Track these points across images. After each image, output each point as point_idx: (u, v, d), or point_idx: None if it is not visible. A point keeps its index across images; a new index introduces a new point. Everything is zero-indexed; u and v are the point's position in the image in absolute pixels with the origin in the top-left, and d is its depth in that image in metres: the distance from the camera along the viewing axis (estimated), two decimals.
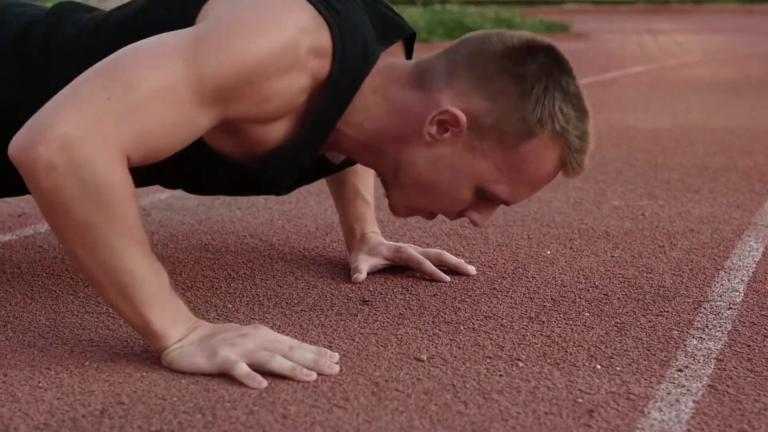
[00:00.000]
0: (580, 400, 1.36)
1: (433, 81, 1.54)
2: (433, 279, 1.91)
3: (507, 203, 1.60)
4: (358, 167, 1.97)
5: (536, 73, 1.50)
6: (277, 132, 1.52)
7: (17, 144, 1.36)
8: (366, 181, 2.01)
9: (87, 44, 1.59)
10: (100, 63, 1.42)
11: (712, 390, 1.40)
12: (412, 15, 11.31)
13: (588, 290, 1.86)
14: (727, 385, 1.41)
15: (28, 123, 1.37)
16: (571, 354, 1.53)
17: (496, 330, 1.64)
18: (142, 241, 1.39)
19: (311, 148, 1.56)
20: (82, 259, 1.39)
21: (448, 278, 1.91)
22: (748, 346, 1.57)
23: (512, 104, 1.50)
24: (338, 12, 1.49)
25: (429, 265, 1.92)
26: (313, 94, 1.50)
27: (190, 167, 1.58)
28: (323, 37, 1.47)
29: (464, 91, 1.52)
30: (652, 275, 1.96)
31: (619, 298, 1.81)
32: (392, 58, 1.62)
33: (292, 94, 1.47)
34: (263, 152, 1.54)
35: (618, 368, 1.47)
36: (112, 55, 1.42)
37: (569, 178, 1.61)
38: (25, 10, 1.72)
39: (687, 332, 1.63)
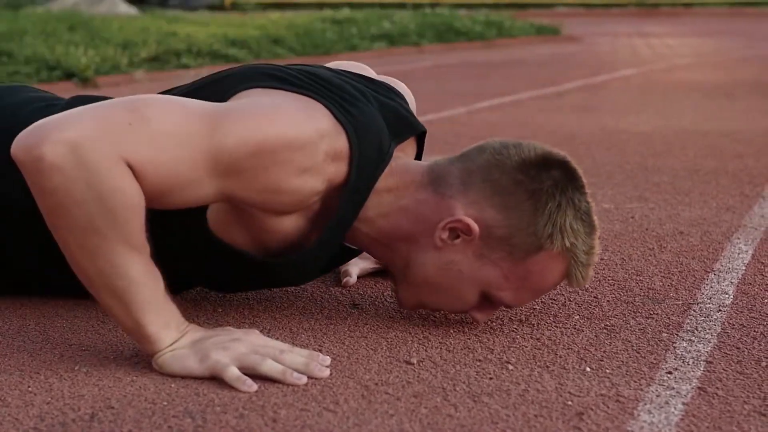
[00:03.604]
0: (569, 402, 1.36)
1: (448, 187, 1.56)
2: None
3: (509, 307, 1.62)
4: None
5: (550, 189, 1.52)
6: (288, 226, 1.54)
7: (21, 142, 1.36)
8: None
9: None
10: (124, 98, 1.42)
11: (702, 392, 1.40)
12: (402, 18, 11.31)
13: (578, 293, 1.86)
14: (717, 387, 1.42)
15: (36, 124, 1.36)
16: (560, 357, 1.53)
17: (485, 333, 1.64)
18: (141, 248, 1.40)
19: (329, 248, 1.59)
20: (81, 263, 1.40)
21: None
22: (738, 348, 1.58)
23: (525, 219, 1.52)
24: (354, 116, 1.52)
25: None
26: (328, 195, 1.52)
27: (207, 263, 1.61)
28: (341, 142, 1.49)
29: (478, 201, 1.54)
30: (641, 278, 1.97)
31: (608, 301, 1.82)
32: (405, 156, 1.66)
33: (304, 194, 1.49)
34: (276, 246, 1.56)
35: (608, 371, 1.47)
36: (139, 95, 1.43)
37: (571, 288, 1.64)
38: (43, 106, 1.69)
39: (676, 335, 1.63)
